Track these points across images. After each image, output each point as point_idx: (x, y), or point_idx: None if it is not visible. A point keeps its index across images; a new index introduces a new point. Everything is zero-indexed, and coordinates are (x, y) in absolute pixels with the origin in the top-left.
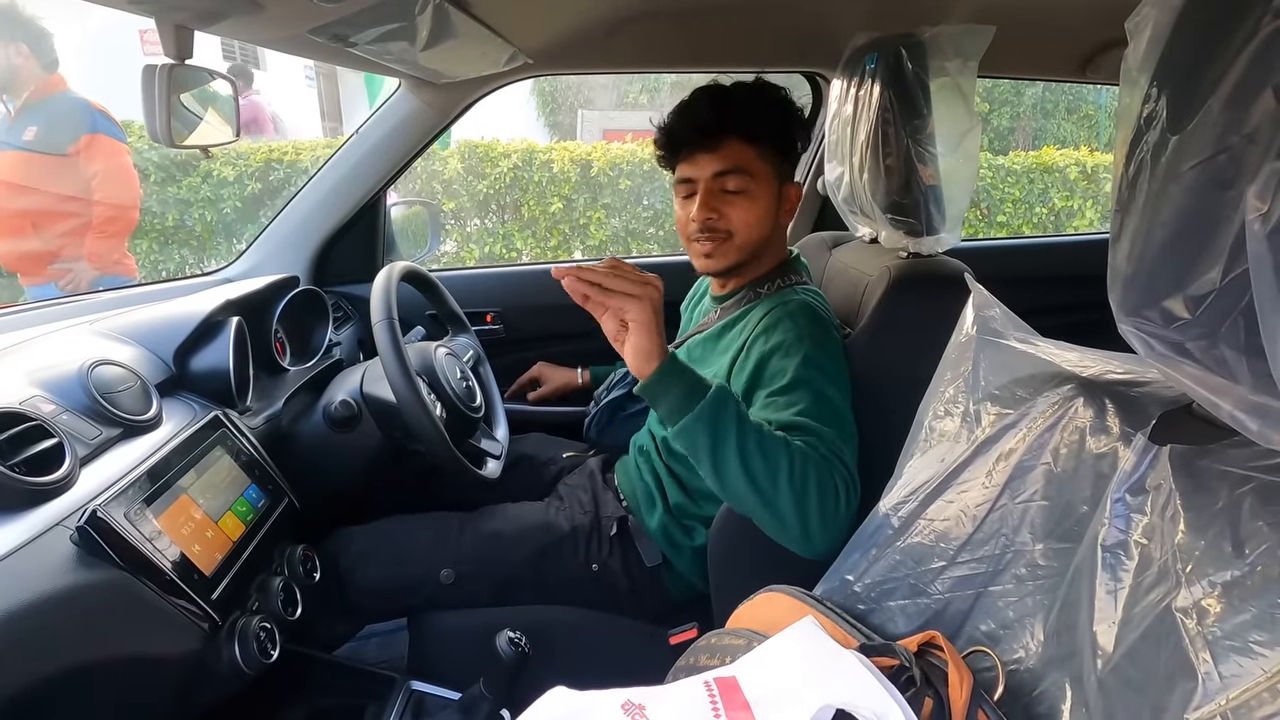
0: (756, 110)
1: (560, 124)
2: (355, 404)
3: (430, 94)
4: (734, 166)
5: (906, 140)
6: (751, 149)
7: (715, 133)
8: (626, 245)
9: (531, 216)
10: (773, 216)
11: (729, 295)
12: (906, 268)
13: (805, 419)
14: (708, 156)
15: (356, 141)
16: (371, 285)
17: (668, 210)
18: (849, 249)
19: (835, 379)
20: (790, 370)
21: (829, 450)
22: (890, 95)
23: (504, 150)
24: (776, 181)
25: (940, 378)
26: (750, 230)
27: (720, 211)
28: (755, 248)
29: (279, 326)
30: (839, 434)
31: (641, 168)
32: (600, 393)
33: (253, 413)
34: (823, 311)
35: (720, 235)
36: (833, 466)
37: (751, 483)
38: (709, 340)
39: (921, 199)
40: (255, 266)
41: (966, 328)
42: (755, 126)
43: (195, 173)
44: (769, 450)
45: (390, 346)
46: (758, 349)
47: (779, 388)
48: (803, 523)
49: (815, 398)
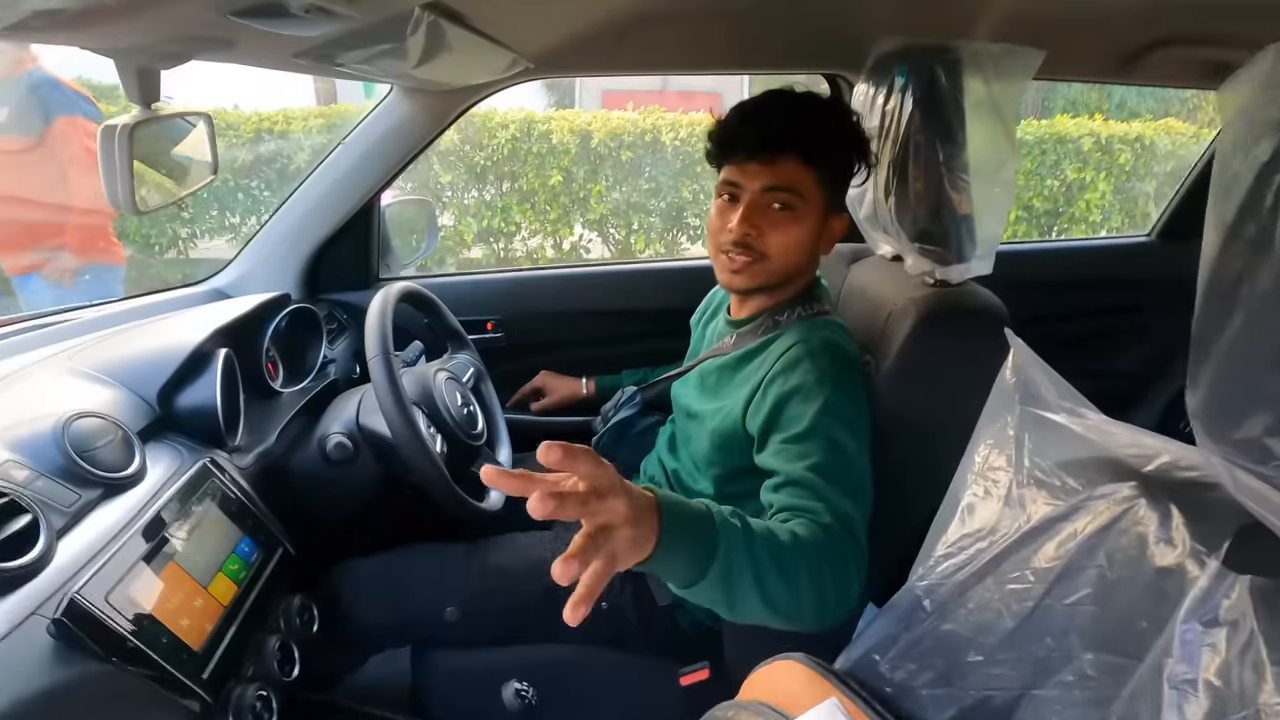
0: (825, 131)
1: (558, 84)
2: (352, 439)
3: (427, 100)
4: (787, 185)
5: (940, 167)
6: (810, 171)
7: (775, 145)
8: (628, 218)
9: (530, 189)
10: (812, 245)
11: (747, 321)
12: (936, 302)
13: (814, 475)
14: (761, 168)
15: (347, 148)
16: (366, 294)
17: (670, 183)
18: (869, 267)
19: (854, 426)
20: (807, 417)
21: (837, 521)
22: (922, 115)
23: (502, 120)
24: (826, 208)
25: (977, 445)
26: (787, 256)
27: (760, 229)
28: (787, 274)
29: (270, 346)
30: (849, 493)
31: (643, 139)
32: (608, 410)
33: (243, 450)
34: (846, 349)
35: (754, 254)
36: (843, 545)
37: (774, 610)
38: (725, 370)
39: (953, 228)
40: (245, 275)
41: (1006, 389)
42: (819, 148)
43: None
44: (787, 571)
45: (386, 384)
46: (775, 390)
47: (794, 434)
48: (819, 613)
49: (830, 449)
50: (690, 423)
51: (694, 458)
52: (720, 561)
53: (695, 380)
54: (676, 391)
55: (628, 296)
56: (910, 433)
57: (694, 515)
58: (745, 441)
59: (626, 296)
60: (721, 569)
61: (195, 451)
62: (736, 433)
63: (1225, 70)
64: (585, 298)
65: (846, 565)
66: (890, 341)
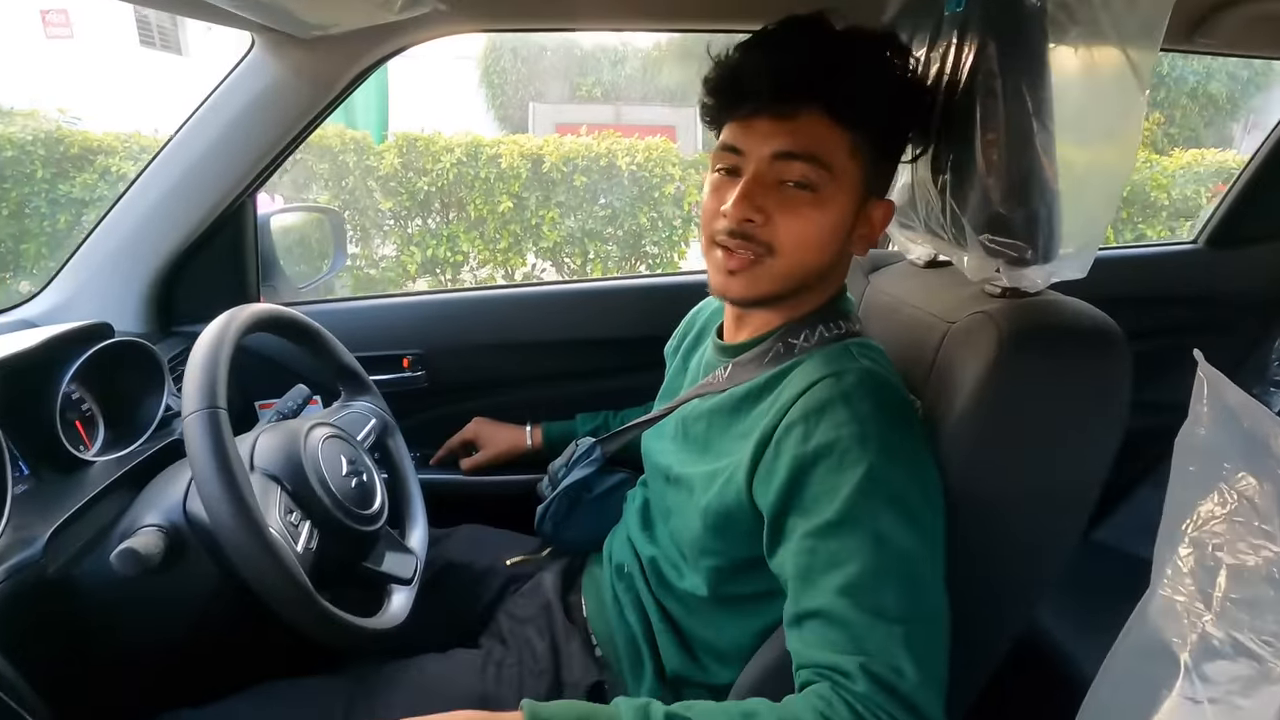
0: (871, 77)
1: (510, 118)
2: (173, 535)
3: (298, 56)
4: (807, 151)
5: (1030, 118)
6: (844, 135)
7: (795, 92)
8: (583, 246)
9: (479, 216)
10: (841, 240)
11: (747, 346)
12: (1023, 316)
13: (847, 604)
14: (774, 125)
15: (197, 127)
16: None
17: (626, 209)
18: (897, 275)
19: (913, 508)
20: (840, 497)
21: (877, 689)
22: (998, 48)
23: (446, 144)
24: (863, 191)
25: (1182, 545)
26: (804, 252)
27: (768, 214)
28: (803, 279)
29: (84, 396)
30: (903, 627)
31: (598, 163)
32: (556, 470)
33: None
34: (895, 385)
35: (757, 248)
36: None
37: None
38: (717, 415)
39: (1043, 211)
40: (65, 303)
41: (1208, 445)
42: (860, 103)
43: (92, 169)
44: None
45: (205, 451)
46: (792, 448)
47: (819, 525)
48: None
49: (876, 550)
50: (671, 491)
51: (678, 542)
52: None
53: (674, 430)
54: (649, 446)
55: (585, 323)
56: (995, 505)
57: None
58: (753, 521)
59: (583, 323)
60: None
61: None
62: (741, 508)
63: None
64: (530, 325)
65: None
66: (952, 374)
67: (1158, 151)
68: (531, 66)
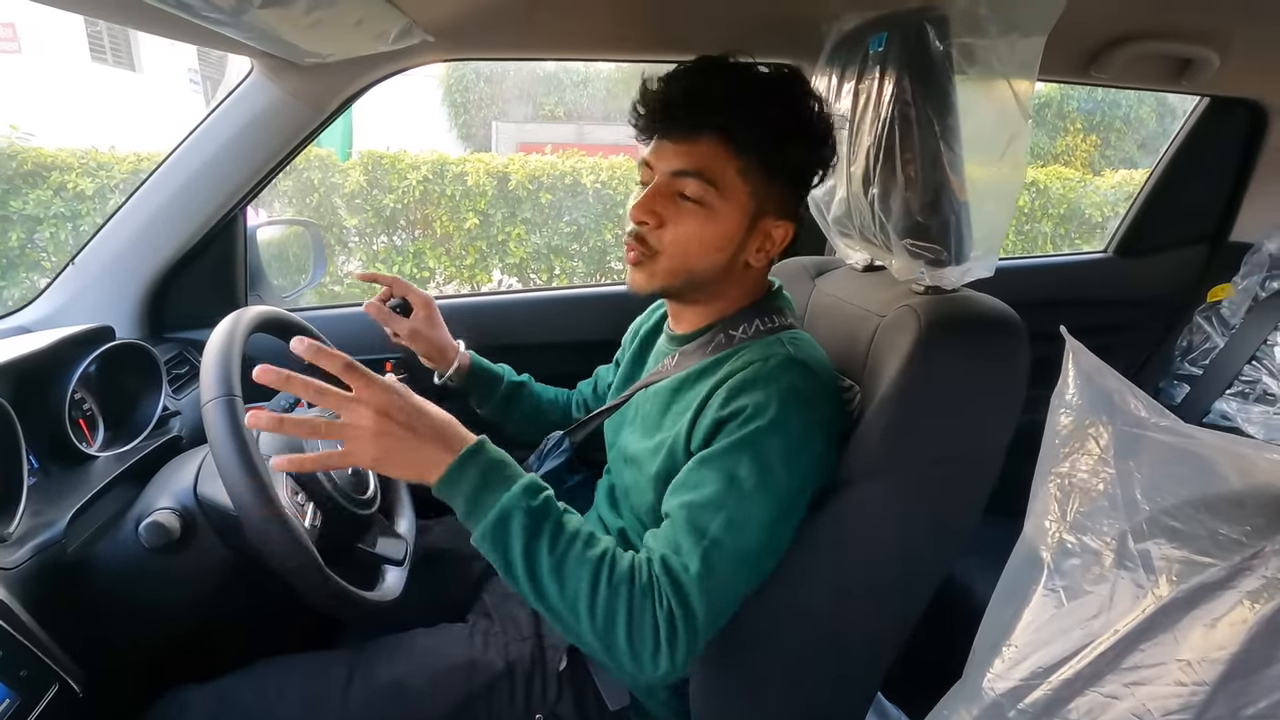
0: (758, 107)
1: (473, 136)
2: (185, 516)
3: (295, 80)
4: (697, 169)
5: (938, 141)
6: (733, 158)
7: (688, 120)
8: (549, 262)
9: (445, 233)
10: (730, 250)
11: (691, 336)
12: (942, 308)
13: (681, 515)
14: (673, 148)
15: (197, 143)
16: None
17: (591, 225)
18: (838, 279)
19: (773, 470)
20: (723, 444)
21: (664, 575)
22: (911, 83)
23: (412, 162)
24: (753, 209)
25: (1045, 485)
26: (684, 257)
27: (661, 219)
28: (692, 279)
29: (85, 396)
30: (711, 549)
31: (563, 180)
32: (530, 464)
33: (15, 543)
34: (814, 368)
35: (645, 249)
36: (653, 602)
37: (552, 615)
38: (663, 394)
39: (952, 219)
40: (60, 310)
41: (1073, 405)
42: (751, 131)
43: (45, 185)
44: (566, 582)
45: (225, 433)
46: (713, 412)
47: (700, 459)
48: (608, 653)
49: (724, 487)
50: (629, 469)
51: (639, 514)
52: (493, 525)
53: (632, 413)
54: (611, 433)
55: (559, 327)
56: (915, 470)
57: (492, 469)
58: None
59: (557, 327)
60: (494, 533)
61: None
62: (681, 465)
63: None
64: (506, 329)
65: (653, 626)
66: (882, 360)
67: (1095, 173)
68: (495, 86)
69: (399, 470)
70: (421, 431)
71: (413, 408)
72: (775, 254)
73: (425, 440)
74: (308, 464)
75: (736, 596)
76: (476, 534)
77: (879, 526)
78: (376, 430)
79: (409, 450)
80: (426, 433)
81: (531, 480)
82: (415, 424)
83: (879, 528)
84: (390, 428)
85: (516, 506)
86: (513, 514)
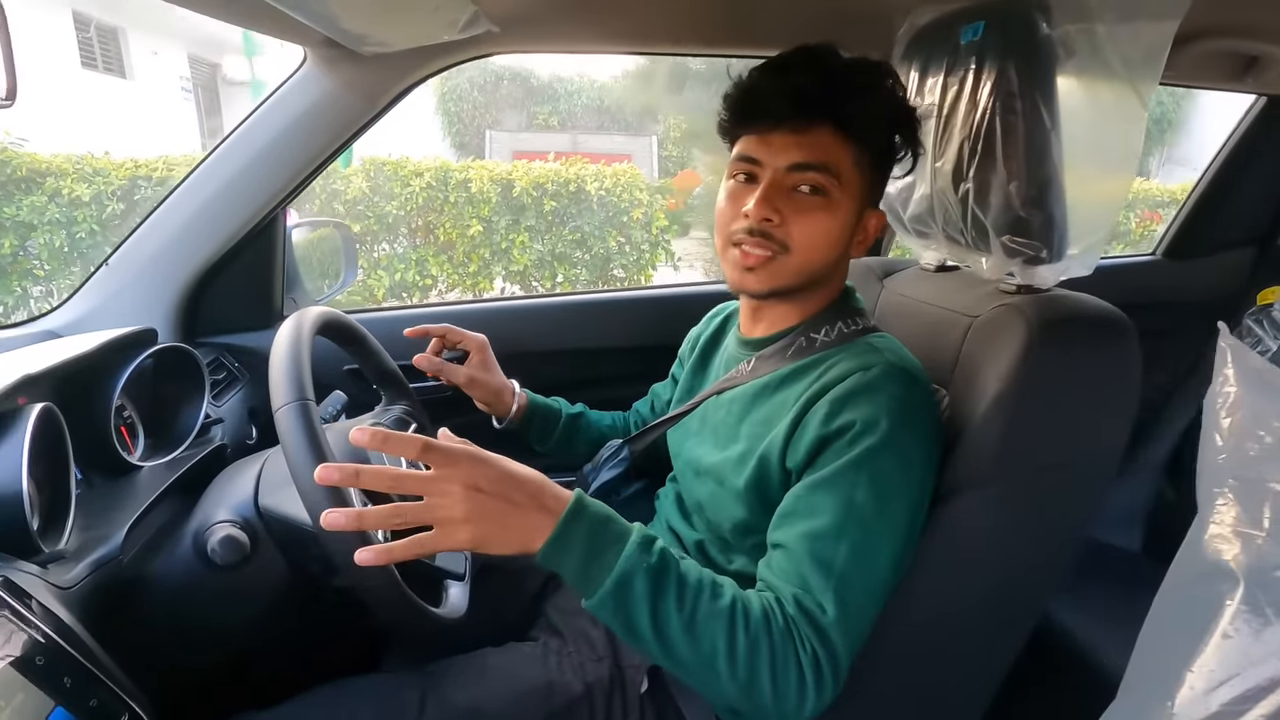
0: (877, 101)
1: (467, 145)
2: (249, 529)
3: (351, 71)
4: (819, 162)
5: (1047, 133)
6: (849, 148)
7: (811, 111)
8: (552, 270)
9: (448, 240)
10: (844, 243)
11: (769, 340)
12: (1051, 306)
13: (803, 547)
14: (789, 139)
15: (243, 138)
16: (265, 334)
17: (594, 233)
18: (909, 279)
19: (890, 492)
20: (837, 464)
21: (801, 616)
22: (1017, 72)
23: (415, 169)
24: (862, 200)
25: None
26: (814, 252)
27: (785, 215)
28: (812, 275)
29: (125, 403)
30: (842, 581)
31: (567, 188)
32: (587, 473)
33: (67, 560)
34: (917, 375)
35: (774, 246)
36: (795, 645)
37: (684, 672)
38: (739, 401)
39: (1059, 214)
40: (89, 314)
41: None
42: (866, 121)
43: (40, 191)
44: (698, 634)
45: (304, 443)
46: (816, 428)
47: (812, 482)
48: (749, 700)
49: (844, 513)
50: (702, 482)
51: (718, 530)
52: (612, 588)
53: (698, 424)
54: (676, 442)
55: (600, 332)
56: (1025, 477)
57: (599, 527)
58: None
59: (598, 332)
60: (614, 597)
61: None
62: (775, 484)
63: (1252, 66)
64: (546, 334)
65: (798, 671)
66: (979, 362)
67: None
68: (489, 95)
69: (501, 548)
70: (518, 500)
71: (502, 474)
72: (868, 246)
73: (523, 509)
74: (397, 553)
75: (869, 622)
76: (593, 601)
77: (985, 540)
78: (470, 511)
79: (509, 525)
80: (523, 500)
81: (642, 533)
82: (510, 494)
83: (985, 541)
84: (485, 504)
85: (636, 569)
86: (633, 577)
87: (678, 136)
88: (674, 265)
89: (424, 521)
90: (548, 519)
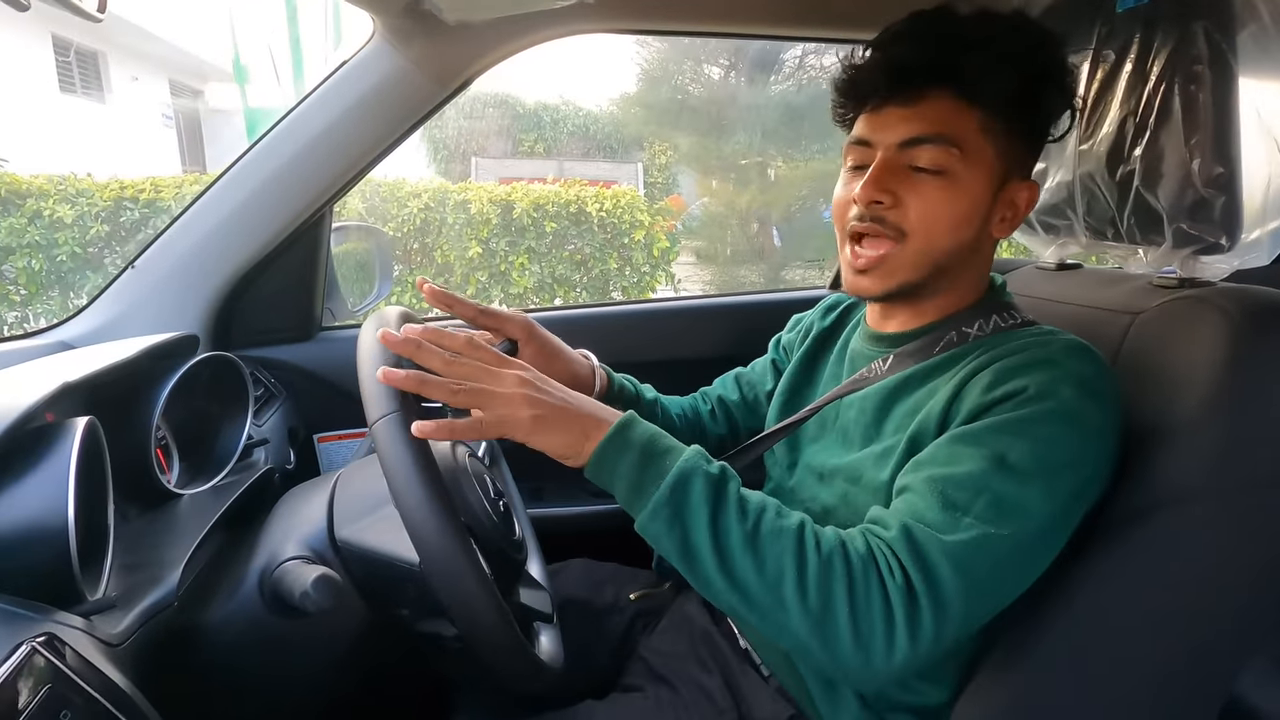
0: (994, 54)
1: (451, 171)
2: (332, 567)
3: (425, 45)
4: (934, 133)
5: (1238, 105)
6: (971, 113)
7: (914, 78)
8: (552, 292)
9: (446, 262)
10: (978, 224)
11: (911, 335)
12: (1255, 298)
13: (930, 489)
14: (900, 113)
15: (295, 125)
16: (304, 348)
17: (595, 255)
18: (1029, 279)
19: (1055, 466)
20: (989, 422)
21: (909, 552)
22: (1207, 38)
23: (413, 190)
24: (1000, 172)
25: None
26: (936, 237)
27: (897, 196)
28: (939, 264)
29: (161, 423)
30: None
31: (567, 209)
32: None
33: (115, 609)
34: (1102, 359)
35: (887, 232)
36: (887, 580)
37: (743, 597)
38: (875, 399)
39: (1239, 198)
40: (113, 323)
41: None
42: (985, 79)
43: (20, 212)
44: (765, 553)
45: (413, 467)
46: (976, 396)
47: (955, 435)
48: (829, 649)
49: (990, 467)
50: (829, 485)
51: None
52: (669, 489)
53: (817, 429)
54: (787, 448)
55: (660, 343)
56: (1237, 497)
57: (655, 437)
58: None
59: (676, 341)
60: (671, 501)
61: (12, 622)
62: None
63: None
64: (617, 344)
65: (883, 600)
66: (1155, 362)
67: None
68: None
69: (554, 439)
70: (573, 402)
71: (552, 381)
72: (1020, 222)
73: (579, 409)
74: (458, 430)
75: (995, 598)
76: (648, 510)
77: (1177, 570)
78: (526, 396)
79: (563, 418)
80: (577, 404)
81: (699, 446)
82: (566, 397)
83: (1177, 571)
84: (538, 393)
85: (695, 470)
86: (692, 478)
87: (663, 163)
88: (674, 287)
89: (484, 404)
90: (602, 423)
